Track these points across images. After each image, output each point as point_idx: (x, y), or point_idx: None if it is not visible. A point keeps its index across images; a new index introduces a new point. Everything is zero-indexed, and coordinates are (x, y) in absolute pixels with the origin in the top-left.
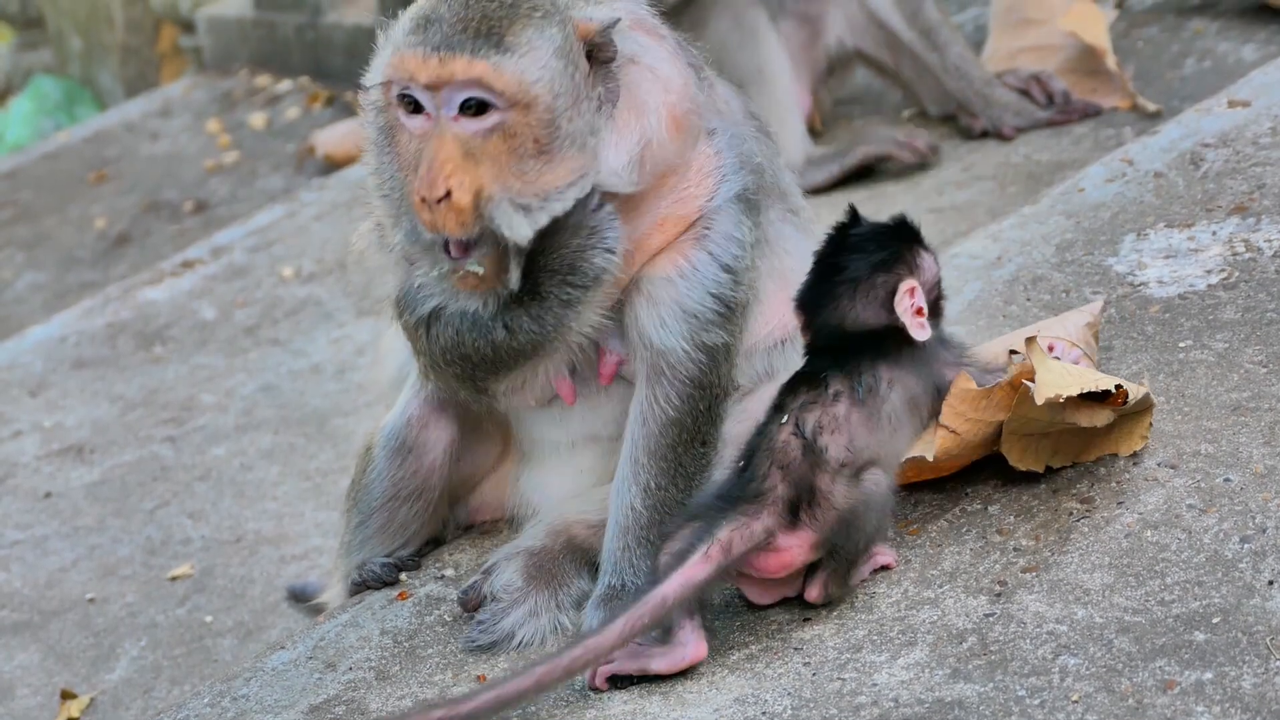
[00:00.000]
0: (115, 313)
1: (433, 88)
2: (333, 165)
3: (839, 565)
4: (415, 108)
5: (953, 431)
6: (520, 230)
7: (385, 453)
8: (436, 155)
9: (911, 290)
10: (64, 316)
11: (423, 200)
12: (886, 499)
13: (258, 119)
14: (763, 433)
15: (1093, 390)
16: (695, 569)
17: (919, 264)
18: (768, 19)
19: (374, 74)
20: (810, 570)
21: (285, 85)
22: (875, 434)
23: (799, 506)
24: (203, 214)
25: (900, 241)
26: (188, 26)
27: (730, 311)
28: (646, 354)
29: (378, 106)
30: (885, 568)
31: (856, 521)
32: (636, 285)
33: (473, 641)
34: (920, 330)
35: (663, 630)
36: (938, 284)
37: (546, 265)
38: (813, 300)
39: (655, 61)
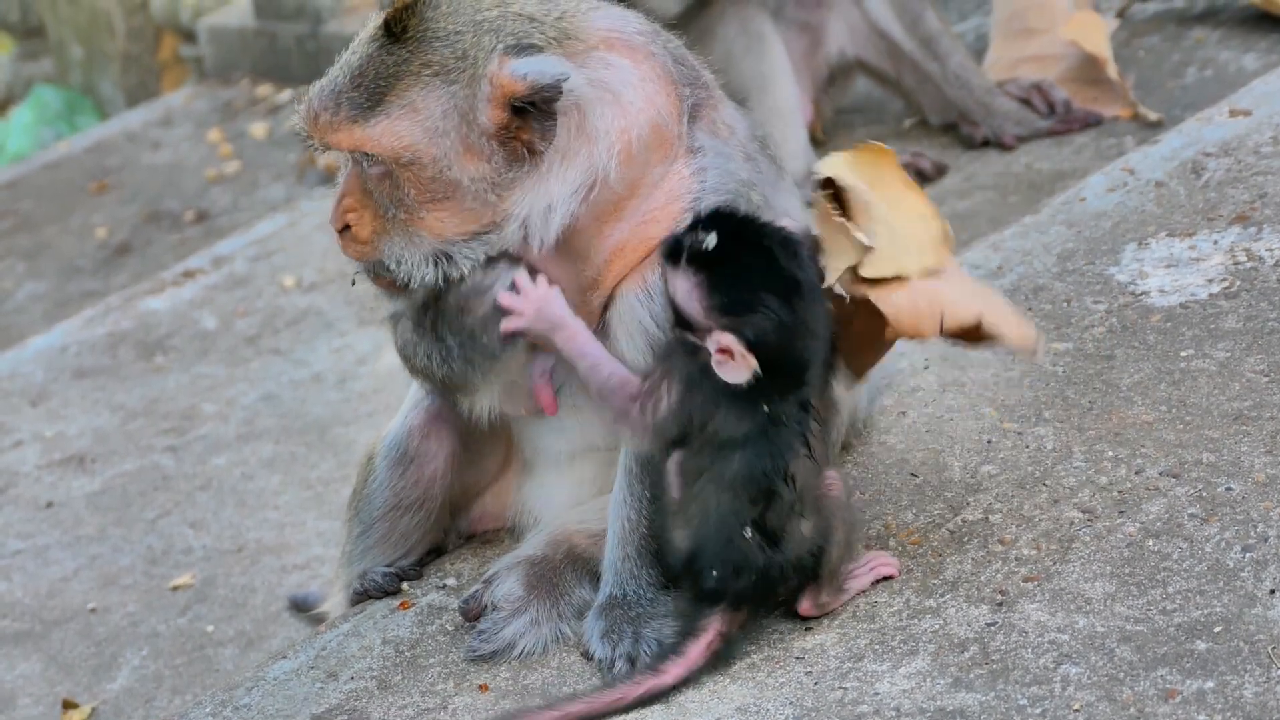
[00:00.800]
0: (116, 322)
1: (320, 144)
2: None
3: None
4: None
5: None
6: (412, 274)
7: (387, 463)
8: (342, 190)
9: (720, 349)
10: (65, 326)
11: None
12: (845, 497)
13: (259, 128)
14: (728, 540)
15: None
16: (694, 661)
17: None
18: (773, 27)
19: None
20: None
21: (286, 95)
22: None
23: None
24: (204, 223)
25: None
26: (189, 36)
27: None
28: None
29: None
30: (887, 578)
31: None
32: (612, 301)
33: (474, 651)
34: (728, 374)
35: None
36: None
37: (451, 326)
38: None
39: (621, 86)
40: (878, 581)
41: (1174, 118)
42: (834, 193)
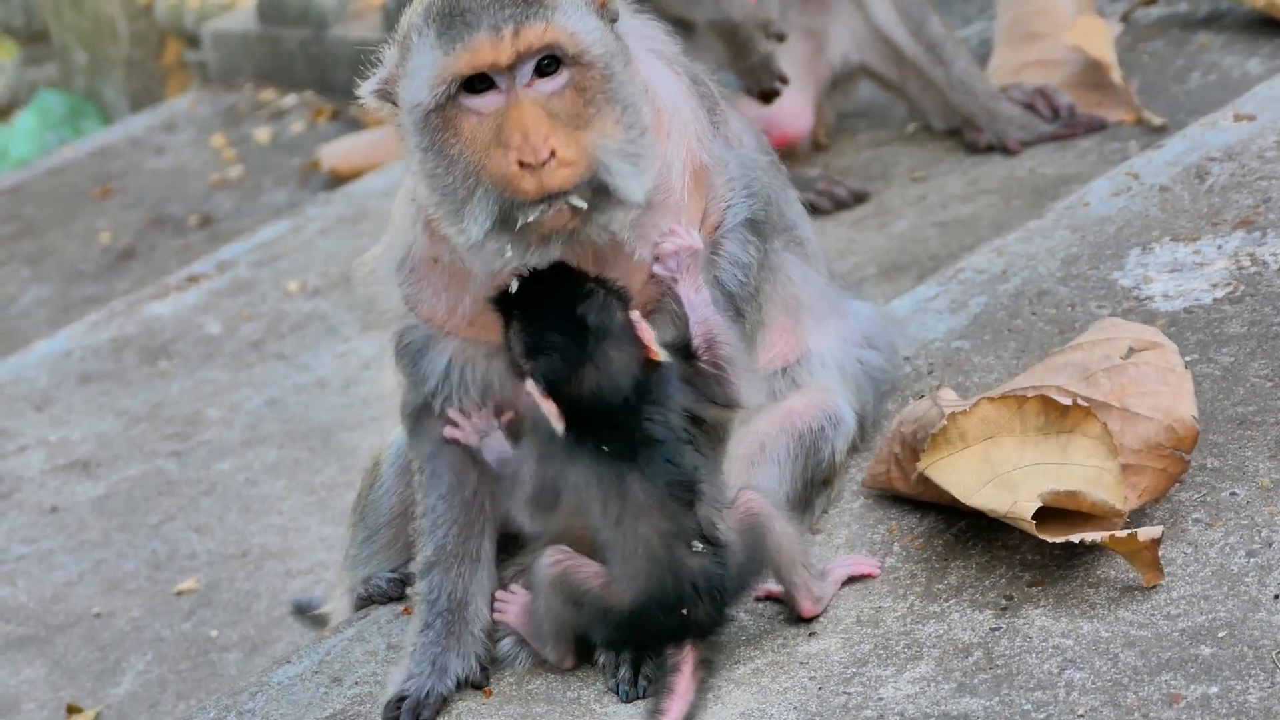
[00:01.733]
0: (120, 327)
1: (509, 64)
2: (338, 179)
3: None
4: (481, 89)
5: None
6: (631, 182)
7: (393, 470)
8: (528, 122)
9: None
10: (69, 331)
11: (522, 165)
12: (767, 519)
13: (263, 133)
14: (681, 576)
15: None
16: (684, 699)
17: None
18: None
19: (416, 83)
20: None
21: (290, 100)
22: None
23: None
24: (208, 228)
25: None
26: (193, 41)
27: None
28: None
29: (425, 110)
30: (867, 576)
31: (752, 564)
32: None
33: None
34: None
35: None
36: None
37: None
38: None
39: (669, 94)
40: (856, 579)
41: (1178, 122)
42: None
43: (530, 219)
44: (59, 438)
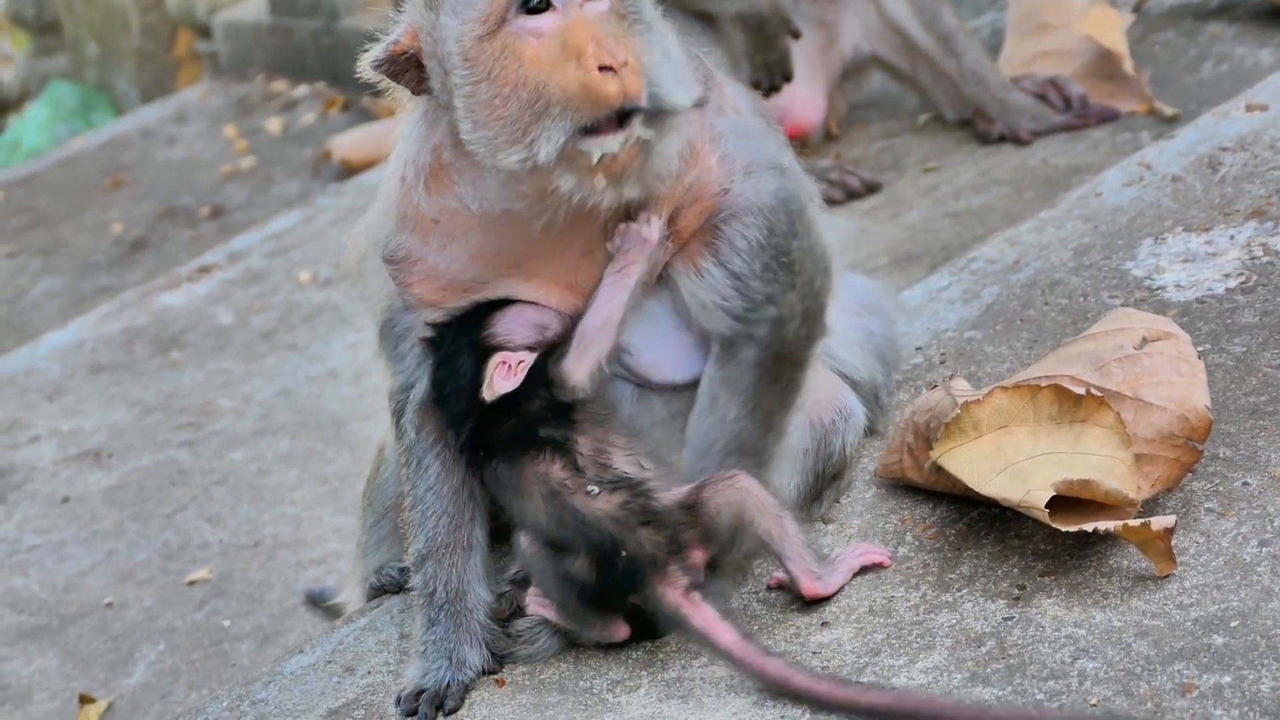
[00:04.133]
0: (132, 318)
1: None
2: (349, 170)
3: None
4: (539, 8)
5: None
6: (680, 95)
7: (396, 454)
8: (595, 32)
9: (501, 365)
10: (81, 322)
11: (602, 70)
12: (746, 496)
13: (274, 124)
14: (588, 522)
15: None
16: (706, 616)
17: (499, 336)
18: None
19: (466, 13)
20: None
21: (302, 90)
22: (612, 424)
23: (675, 536)
24: (219, 219)
25: (472, 337)
26: (204, 32)
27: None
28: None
29: (478, 38)
30: (878, 565)
31: (717, 527)
32: (677, 269)
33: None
34: (505, 386)
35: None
36: (538, 325)
37: None
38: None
39: None
40: (866, 570)
41: (1190, 113)
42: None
43: (609, 151)
44: (71, 428)
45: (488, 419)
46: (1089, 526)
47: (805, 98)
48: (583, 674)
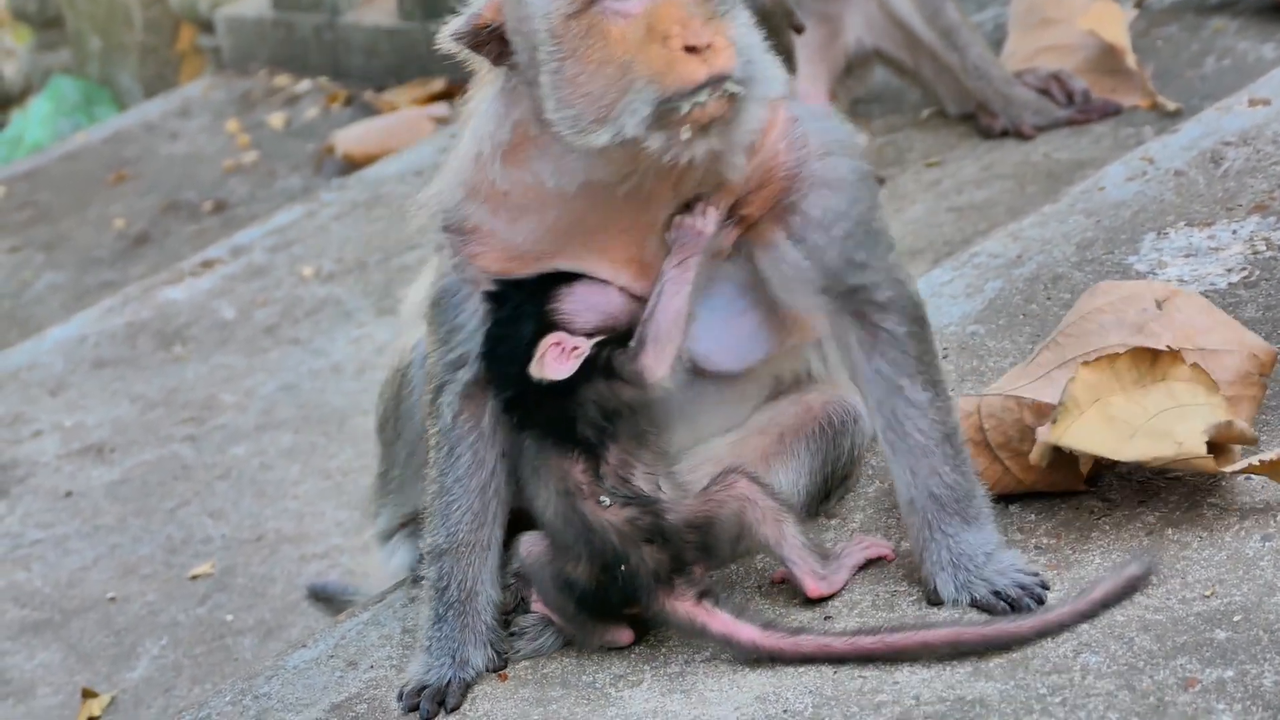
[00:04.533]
0: (135, 312)
1: None
2: (352, 165)
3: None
4: None
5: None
6: (769, 71)
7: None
8: (682, 13)
9: (556, 345)
10: (84, 316)
11: (689, 50)
12: (747, 503)
13: (277, 119)
14: (594, 529)
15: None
16: (723, 621)
17: (563, 313)
18: None
19: None
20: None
21: (304, 85)
22: (646, 441)
23: (679, 554)
24: (222, 214)
25: (537, 306)
26: (207, 26)
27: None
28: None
29: (564, 16)
30: (882, 559)
31: (714, 533)
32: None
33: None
34: (560, 371)
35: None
36: (599, 311)
37: None
38: (505, 380)
39: None
40: (871, 563)
41: (1193, 107)
42: None
43: (699, 101)
44: (74, 423)
45: (532, 393)
46: (1242, 464)
47: (808, 92)
48: (585, 669)
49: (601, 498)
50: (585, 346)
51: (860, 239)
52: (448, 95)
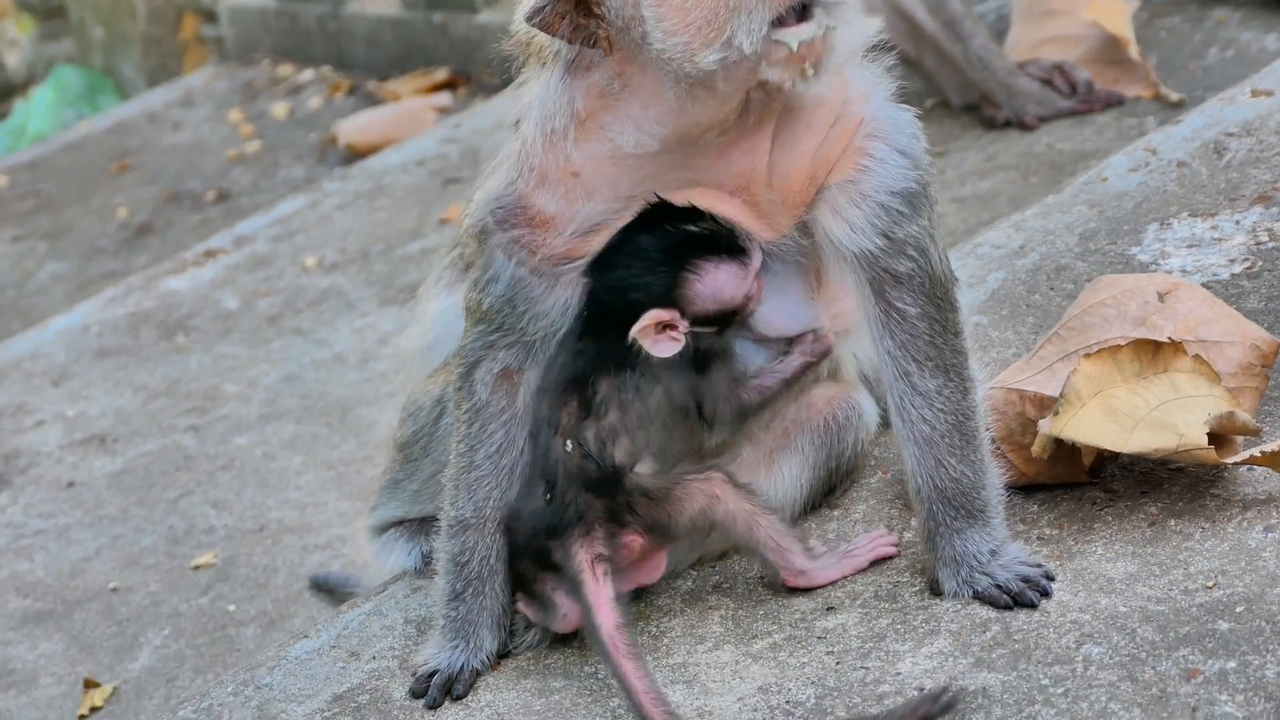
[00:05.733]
0: (138, 302)
1: None
2: (355, 155)
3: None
4: None
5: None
6: (855, 6)
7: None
8: None
9: (661, 323)
10: (86, 306)
11: None
12: (714, 501)
13: (280, 109)
14: (549, 457)
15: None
16: (602, 591)
17: (687, 290)
18: None
19: None
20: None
21: (307, 75)
22: (652, 428)
23: (617, 512)
24: (225, 203)
25: (674, 266)
26: (210, 16)
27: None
28: (860, 268)
29: None
30: (887, 558)
31: (676, 521)
32: (817, 203)
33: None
34: (661, 349)
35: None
36: (724, 296)
37: None
38: (602, 283)
39: None
40: (879, 561)
41: (1195, 98)
42: None
43: (805, 38)
44: (76, 413)
45: (600, 331)
46: (1244, 455)
47: None
48: (587, 659)
49: (568, 442)
50: (683, 339)
51: (902, 202)
52: (450, 85)
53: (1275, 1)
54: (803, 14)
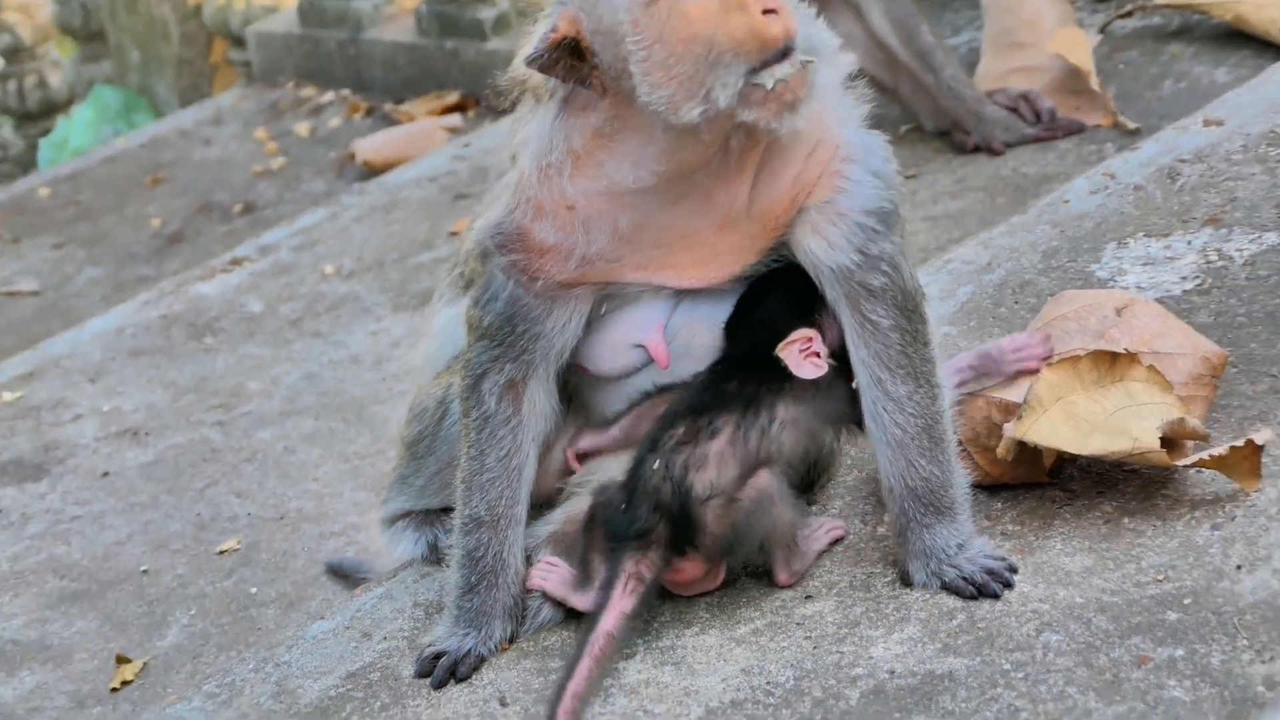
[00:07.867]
0: (169, 306)
1: None
2: (372, 171)
3: (763, 556)
4: None
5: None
6: (828, 37)
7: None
8: None
9: (807, 339)
10: (121, 309)
11: (766, 13)
12: (769, 500)
13: (302, 128)
14: (639, 472)
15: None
16: (623, 602)
17: (825, 319)
18: None
19: None
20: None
21: (328, 97)
22: (749, 463)
23: (680, 539)
24: (251, 215)
25: (811, 298)
26: (238, 41)
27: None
28: (836, 282)
29: (643, 4)
30: (837, 540)
31: (740, 533)
32: (796, 224)
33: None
34: (805, 370)
35: (584, 573)
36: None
37: None
38: (734, 327)
39: None
40: (835, 542)
41: (1151, 126)
42: None
43: (781, 76)
44: (111, 407)
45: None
46: (1193, 458)
47: None
48: None
49: (657, 461)
50: (825, 365)
51: (876, 221)
52: (461, 107)
53: (1225, 37)
54: (780, 55)
